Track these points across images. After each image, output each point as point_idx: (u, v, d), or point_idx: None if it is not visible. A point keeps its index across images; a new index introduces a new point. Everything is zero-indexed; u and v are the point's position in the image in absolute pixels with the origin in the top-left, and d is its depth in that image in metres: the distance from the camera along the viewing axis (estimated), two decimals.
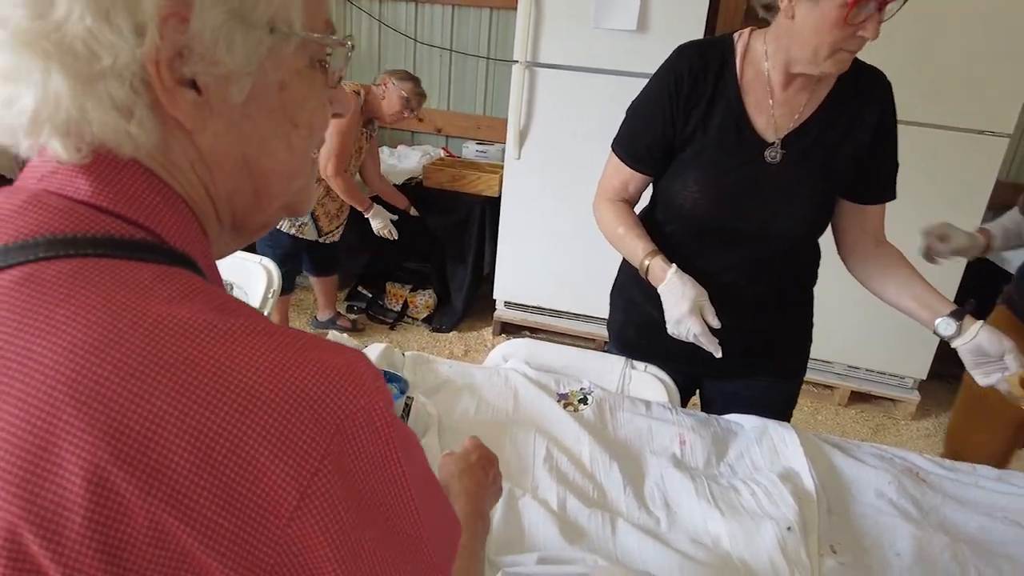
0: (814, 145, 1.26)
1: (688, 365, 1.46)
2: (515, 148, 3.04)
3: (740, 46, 1.27)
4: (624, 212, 1.37)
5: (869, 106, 1.26)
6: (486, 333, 3.43)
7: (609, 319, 1.60)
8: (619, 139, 1.38)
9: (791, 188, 1.28)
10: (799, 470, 1.17)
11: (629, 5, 2.73)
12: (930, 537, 1.06)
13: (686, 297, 1.19)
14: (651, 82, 1.32)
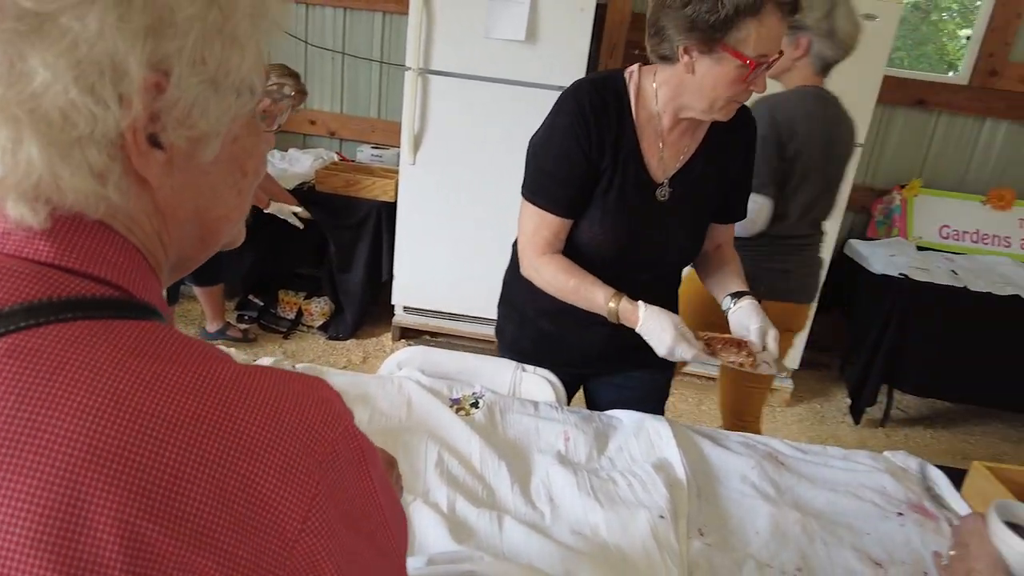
0: (696, 182, 1.36)
1: (578, 368, 1.57)
2: (410, 153, 3.06)
3: (632, 86, 1.31)
4: (566, 264, 1.35)
5: (738, 140, 1.39)
6: (385, 339, 3.43)
7: (499, 328, 1.64)
8: (538, 190, 1.34)
9: (677, 223, 1.39)
10: (672, 460, 1.27)
11: (518, 16, 2.81)
12: (785, 514, 1.18)
13: (667, 330, 1.24)
14: (555, 125, 1.31)
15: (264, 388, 0.44)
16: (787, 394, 3.35)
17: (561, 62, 2.88)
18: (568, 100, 1.32)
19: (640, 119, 1.32)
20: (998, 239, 3.56)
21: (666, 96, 1.29)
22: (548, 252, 1.36)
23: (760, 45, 1.16)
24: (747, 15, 1.13)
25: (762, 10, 1.13)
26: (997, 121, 3.64)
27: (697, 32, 1.16)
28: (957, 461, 3.12)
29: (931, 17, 4.52)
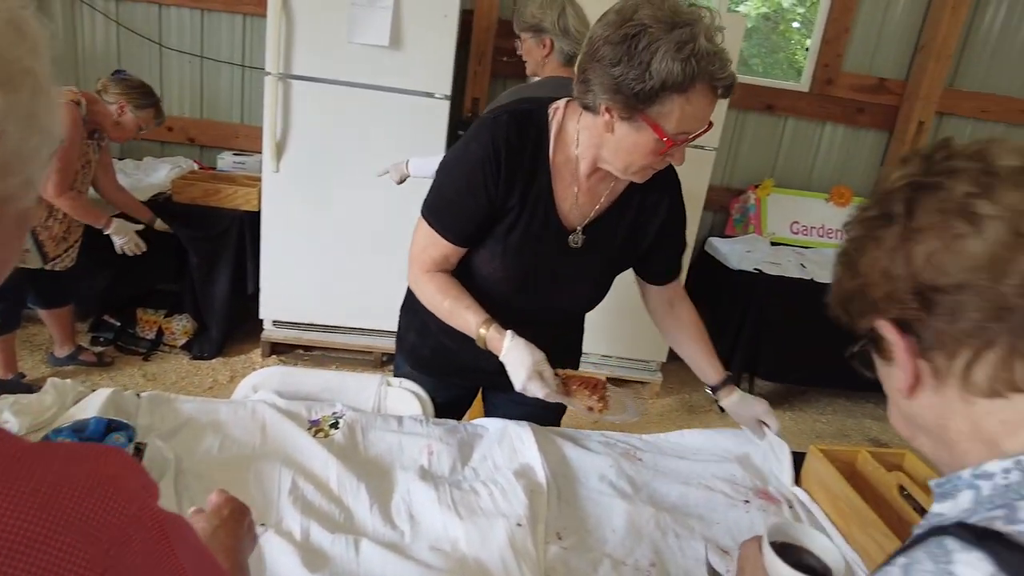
0: (609, 233, 1.34)
1: (477, 380, 1.57)
2: (273, 160, 2.95)
3: (555, 124, 1.26)
4: (446, 284, 1.32)
5: (660, 195, 1.35)
6: (254, 356, 3.28)
7: (400, 335, 1.59)
8: (436, 212, 1.30)
9: (585, 271, 1.37)
10: (533, 465, 1.29)
11: (381, 21, 2.77)
12: (640, 510, 1.23)
13: (524, 365, 1.21)
14: (467, 152, 1.27)
15: (38, 477, 0.42)
16: (657, 387, 3.50)
17: (426, 68, 2.87)
18: (484, 131, 1.25)
19: (557, 161, 1.27)
20: (840, 233, 3.88)
21: (587, 142, 1.23)
22: (433, 270, 1.33)
23: (683, 123, 1.11)
24: (674, 92, 1.06)
25: (691, 89, 1.07)
26: (835, 125, 3.97)
27: (620, 96, 1.09)
28: (810, 438, 3.38)
29: (780, 27, 4.87)
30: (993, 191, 0.53)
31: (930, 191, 0.56)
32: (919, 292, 0.56)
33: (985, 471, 0.55)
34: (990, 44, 3.87)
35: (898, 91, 3.89)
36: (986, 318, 0.53)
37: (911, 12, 3.79)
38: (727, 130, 3.89)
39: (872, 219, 0.60)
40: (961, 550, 0.49)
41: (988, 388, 0.55)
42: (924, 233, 0.55)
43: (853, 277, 0.62)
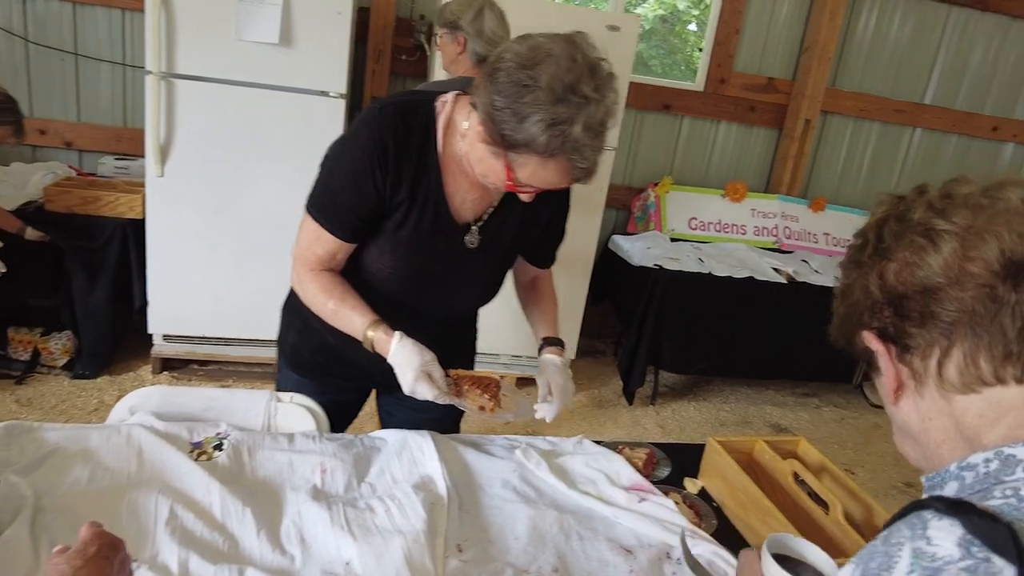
0: (503, 228, 1.31)
1: (360, 381, 1.50)
2: (157, 165, 2.77)
3: (443, 118, 1.22)
4: (331, 284, 1.27)
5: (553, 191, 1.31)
6: (144, 373, 3.08)
7: (280, 337, 1.51)
8: (322, 208, 1.24)
9: (482, 267, 1.34)
10: (434, 476, 1.25)
11: (269, 18, 2.65)
12: (543, 515, 1.21)
13: (411, 366, 1.18)
14: (351, 144, 1.22)
15: None
16: None
17: (320, 66, 2.77)
18: (369, 123, 1.20)
19: (446, 155, 1.23)
20: (735, 227, 4.03)
21: (469, 138, 1.19)
22: (318, 269, 1.27)
23: (534, 179, 1.11)
24: (534, 153, 1.07)
25: (550, 159, 1.07)
26: (729, 124, 4.12)
27: (492, 125, 1.07)
28: (715, 427, 3.49)
29: (676, 29, 5.01)
30: (947, 212, 0.63)
31: (894, 219, 0.66)
32: (892, 301, 0.65)
33: (969, 463, 0.61)
34: (865, 47, 4.11)
35: (786, 90, 4.08)
36: (950, 319, 0.61)
37: (794, 15, 3.98)
38: (627, 130, 3.97)
39: (854, 249, 0.71)
40: (935, 518, 0.54)
41: (961, 384, 0.62)
42: (892, 251, 0.65)
43: (844, 302, 0.72)
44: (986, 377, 0.61)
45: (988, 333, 0.60)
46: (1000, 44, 4.28)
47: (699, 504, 1.35)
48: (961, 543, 0.51)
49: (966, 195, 0.63)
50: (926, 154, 4.43)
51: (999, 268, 0.59)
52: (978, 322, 0.60)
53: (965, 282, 0.60)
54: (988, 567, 0.49)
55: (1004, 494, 0.56)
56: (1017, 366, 0.60)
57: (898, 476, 3.25)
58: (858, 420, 3.79)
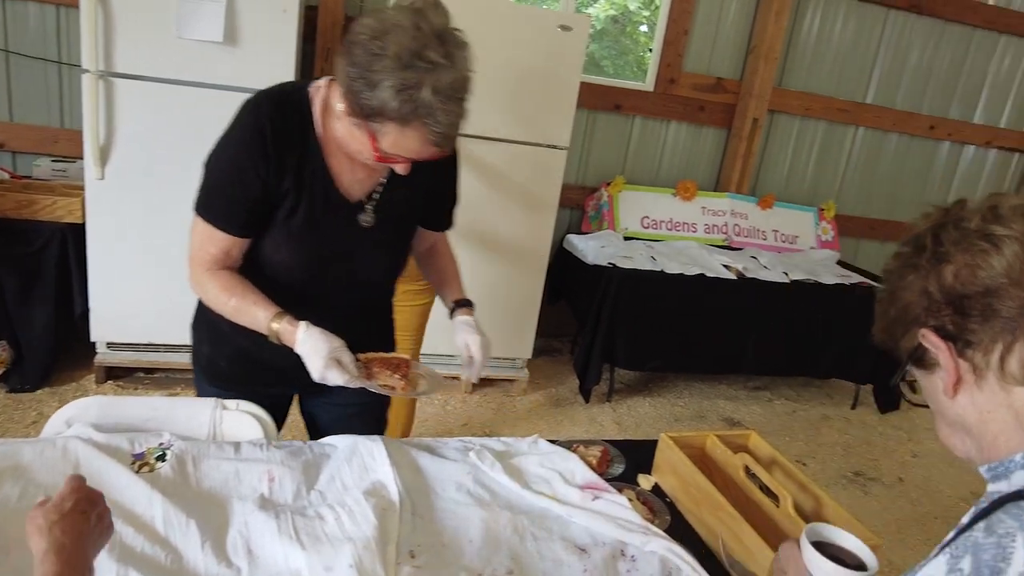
0: (397, 201, 1.32)
1: (280, 386, 1.47)
2: (96, 167, 2.67)
3: (319, 101, 1.23)
4: (231, 281, 1.26)
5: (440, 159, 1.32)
6: (87, 383, 2.97)
7: (195, 352, 1.49)
8: (209, 206, 1.24)
9: (380, 244, 1.34)
10: (386, 481, 1.23)
11: (212, 15, 2.58)
12: (497, 517, 1.21)
13: (319, 353, 1.19)
14: (230, 140, 1.22)
15: None
16: (524, 383, 3.53)
17: (267, 65, 2.71)
18: (245, 116, 1.21)
19: (327, 138, 1.24)
20: (686, 225, 4.09)
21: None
22: (214, 268, 1.27)
23: (397, 148, 1.14)
24: (391, 120, 1.10)
25: (407, 125, 1.10)
26: (679, 123, 4.18)
27: (351, 96, 1.11)
28: (670, 422, 3.54)
29: (627, 30, 5.06)
30: (1003, 220, 0.68)
31: (951, 226, 0.71)
32: (952, 301, 0.69)
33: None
34: (809, 48, 4.22)
35: (734, 90, 4.16)
36: (1012, 315, 0.66)
37: (741, 15, 4.05)
38: (579, 130, 3.99)
39: (907, 255, 0.75)
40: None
41: (1022, 376, 0.67)
42: (951, 255, 0.70)
43: (895, 304, 0.76)
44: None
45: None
46: (935, 46, 4.43)
47: (652, 500, 1.36)
48: None
49: (1014, 206, 0.69)
50: (868, 152, 4.56)
51: None
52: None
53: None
54: None
55: None
56: None
57: (847, 466, 3.34)
58: (808, 412, 3.88)
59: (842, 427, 3.76)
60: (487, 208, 3.15)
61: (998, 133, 4.75)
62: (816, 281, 3.67)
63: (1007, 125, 4.78)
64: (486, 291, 3.29)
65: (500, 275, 3.29)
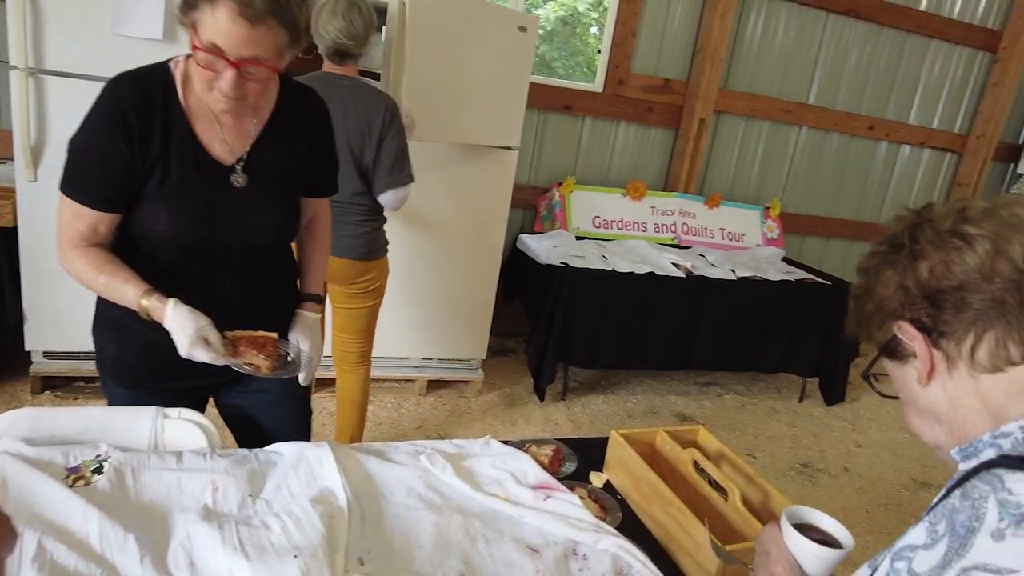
0: (267, 160, 1.34)
1: (191, 379, 1.44)
2: (28, 169, 2.57)
3: (179, 75, 1.26)
4: (100, 259, 1.27)
5: (309, 122, 1.42)
6: (23, 394, 2.85)
7: (99, 356, 1.45)
8: (73, 184, 1.26)
9: (259, 204, 1.36)
10: (334, 488, 1.21)
11: (152, 11, 2.50)
12: (448, 520, 1.20)
13: (185, 331, 1.22)
14: (92, 120, 1.24)
15: None
16: (479, 384, 3.52)
17: None
18: (106, 94, 1.23)
19: (190, 104, 1.26)
20: (637, 224, 4.14)
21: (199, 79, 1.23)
22: (82, 245, 1.28)
23: (209, 33, 1.12)
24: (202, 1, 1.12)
25: (217, 2, 1.11)
26: (628, 124, 4.23)
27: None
28: (624, 419, 3.57)
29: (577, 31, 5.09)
30: (975, 221, 0.73)
31: (925, 226, 0.76)
32: (927, 295, 0.74)
33: (1003, 432, 0.70)
34: (754, 50, 4.31)
35: (681, 91, 4.22)
36: (983, 308, 0.71)
37: (687, 17, 4.12)
38: (530, 131, 4.00)
39: (884, 253, 0.80)
40: (1010, 472, 0.63)
41: (990, 364, 0.71)
42: (926, 252, 0.74)
43: (871, 299, 0.80)
44: (1014, 357, 0.70)
45: (1017, 320, 0.70)
46: (872, 50, 4.58)
47: (604, 498, 1.37)
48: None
49: (984, 208, 0.74)
50: (811, 151, 4.69)
51: (1023, 266, 0.70)
52: (1008, 311, 0.70)
53: (994, 278, 0.70)
54: None
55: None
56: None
57: (795, 458, 3.42)
58: (757, 406, 3.97)
59: (790, 420, 3.86)
60: (440, 209, 3.13)
61: (931, 134, 4.94)
62: (762, 277, 3.76)
63: (939, 126, 4.97)
64: (440, 292, 3.28)
65: (454, 276, 3.28)
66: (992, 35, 4.79)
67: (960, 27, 4.69)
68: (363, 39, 2.20)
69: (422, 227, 3.09)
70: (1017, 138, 5.23)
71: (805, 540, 0.97)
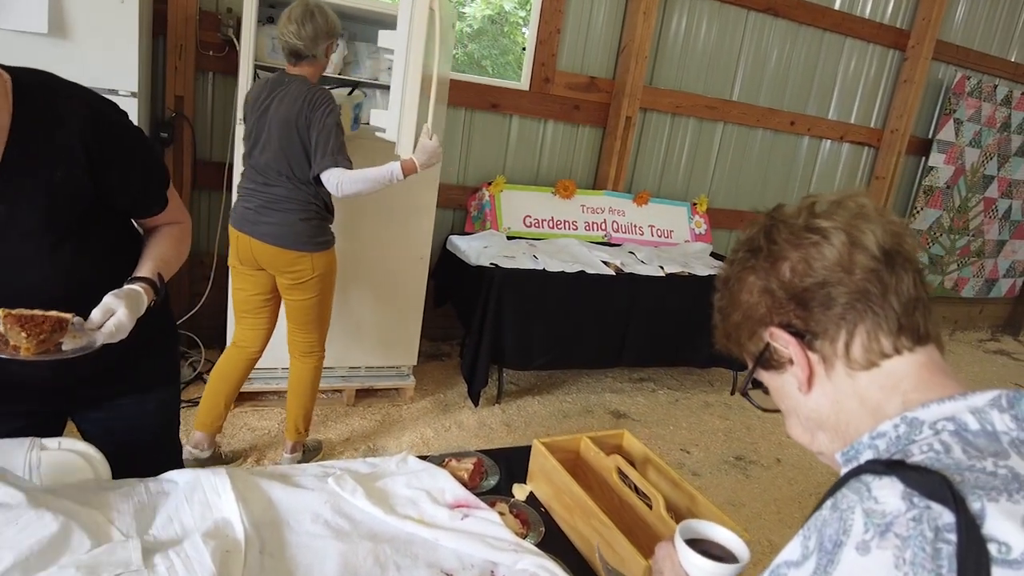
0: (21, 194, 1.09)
1: (36, 403, 1.28)
2: None
3: None
4: None
5: (68, 129, 1.10)
6: None
7: None
8: None
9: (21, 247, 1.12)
10: (230, 518, 1.11)
11: (34, 3, 2.31)
12: (355, 548, 1.11)
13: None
14: None
15: None
16: (411, 391, 3.43)
17: (105, 61, 2.47)
18: None
19: None
20: (567, 223, 4.12)
21: None
22: None
23: None
24: None
25: None
26: (555, 122, 4.20)
27: None
28: (559, 419, 3.54)
29: (505, 30, 5.05)
30: (826, 214, 0.71)
31: (778, 225, 0.74)
32: (793, 296, 0.71)
33: (879, 432, 0.67)
34: (678, 47, 4.35)
35: (607, 89, 4.22)
36: (850, 302, 0.69)
37: (612, 15, 4.12)
38: (457, 129, 3.92)
39: (743, 259, 0.77)
40: (875, 479, 0.60)
41: (865, 360, 0.69)
42: (785, 251, 0.72)
43: (736, 308, 0.77)
44: (886, 349, 0.69)
45: (883, 310, 0.69)
46: (791, 47, 4.69)
47: (526, 511, 1.31)
48: (904, 496, 0.57)
49: (833, 202, 0.73)
50: (736, 147, 4.77)
51: (880, 255, 0.69)
52: (874, 302, 0.69)
53: (855, 269, 0.69)
54: (930, 513, 0.55)
55: (922, 450, 0.62)
56: (909, 337, 0.69)
57: (728, 451, 3.45)
58: (690, 400, 4.00)
59: (723, 413, 3.90)
60: (363, 212, 3.02)
61: (849, 128, 5.10)
62: (690, 273, 3.78)
63: (856, 121, 5.13)
64: (366, 298, 3.17)
65: (380, 281, 3.17)
66: (901, 34, 4.97)
67: (871, 26, 4.85)
68: (312, 43, 2.30)
69: (345, 230, 2.97)
70: (927, 133, 5.45)
71: (698, 557, 0.95)
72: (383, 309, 3.23)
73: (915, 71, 4.98)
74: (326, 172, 2.26)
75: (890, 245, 0.70)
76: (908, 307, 0.69)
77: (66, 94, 1.13)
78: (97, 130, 1.13)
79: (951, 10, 5.14)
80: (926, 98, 5.27)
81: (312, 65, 2.36)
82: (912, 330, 0.69)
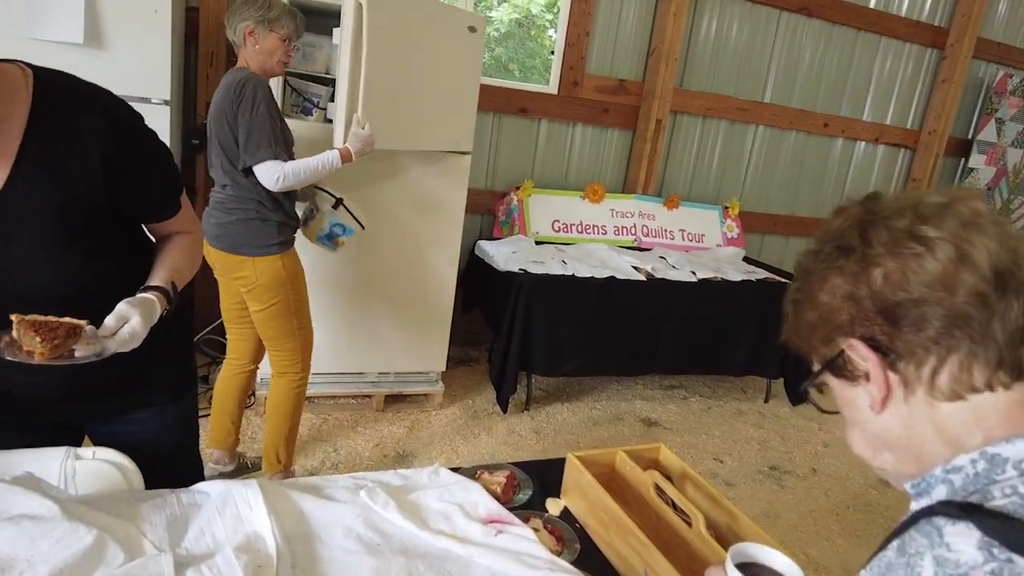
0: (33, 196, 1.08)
1: (39, 414, 1.27)
2: None
3: None
4: None
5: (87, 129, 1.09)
6: None
7: None
8: None
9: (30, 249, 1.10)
10: (262, 532, 1.10)
11: (71, 14, 2.35)
12: (388, 564, 1.09)
13: None
14: None
15: None
16: (440, 397, 3.41)
17: (139, 70, 2.49)
18: None
19: None
20: (596, 228, 4.08)
21: None
22: None
23: None
24: None
25: None
26: (584, 126, 4.16)
27: None
28: (589, 427, 3.50)
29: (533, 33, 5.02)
30: (931, 220, 0.62)
31: (877, 224, 0.64)
32: (883, 309, 0.63)
33: (955, 466, 0.61)
34: (708, 49, 4.29)
35: (637, 92, 4.17)
36: (947, 326, 0.60)
37: (641, 17, 4.07)
38: (486, 134, 3.91)
39: (829, 254, 0.67)
40: (949, 524, 0.54)
41: (950, 391, 0.62)
42: (881, 257, 0.63)
43: (814, 308, 0.69)
44: (977, 384, 0.61)
45: (983, 340, 0.60)
46: (825, 48, 4.60)
47: (561, 528, 1.28)
48: (981, 546, 0.51)
49: (940, 204, 0.63)
50: (769, 149, 4.69)
51: (991, 275, 0.60)
52: (974, 329, 0.60)
53: (958, 289, 0.60)
54: (1012, 568, 0.49)
55: (1004, 493, 0.56)
56: (1008, 373, 0.61)
57: (763, 461, 3.38)
58: (723, 408, 3.93)
59: (757, 421, 3.83)
60: (393, 218, 3.01)
61: (885, 130, 4.98)
62: (723, 278, 3.72)
63: (892, 122, 5.02)
64: (395, 303, 3.16)
65: (409, 286, 3.16)
66: (939, 32, 4.85)
67: (908, 24, 4.74)
68: (231, 28, 2.19)
69: (375, 237, 2.97)
70: (966, 133, 5.31)
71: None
72: (412, 314, 3.22)
73: (954, 70, 4.85)
74: (261, 165, 2.13)
75: (1005, 264, 0.60)
76: (1013, 339, 0.60)
77: (86, 94, 1.12)
78: (116, 133, 1.12)
79: (992, 6, 5.00)
80: (965, 98, 5.13)
81: (242, 53, 2.20)
82: (1014, 366, 0.61)
